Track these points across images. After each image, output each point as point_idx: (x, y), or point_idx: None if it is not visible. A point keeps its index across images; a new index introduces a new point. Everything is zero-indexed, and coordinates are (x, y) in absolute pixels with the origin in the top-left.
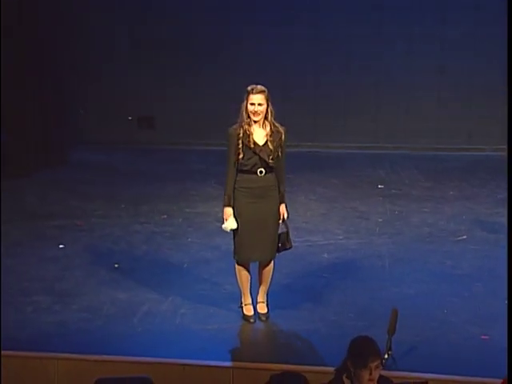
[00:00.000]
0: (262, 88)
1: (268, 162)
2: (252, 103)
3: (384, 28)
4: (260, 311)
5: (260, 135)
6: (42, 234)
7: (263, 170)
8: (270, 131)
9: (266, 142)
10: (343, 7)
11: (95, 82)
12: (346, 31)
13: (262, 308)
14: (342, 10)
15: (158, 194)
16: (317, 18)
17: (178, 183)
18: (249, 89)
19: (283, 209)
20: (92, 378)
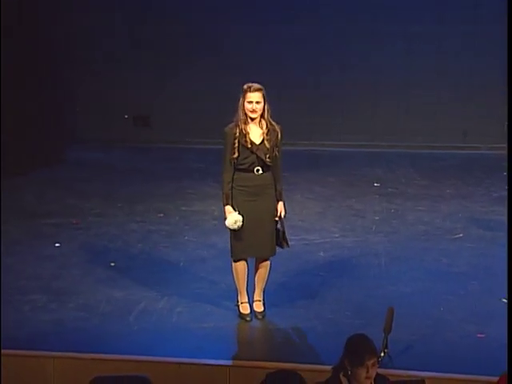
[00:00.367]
0: (259, 86)
1: (265, 160)
2: (250, 101)
3: (383, 27)
4: (256, 309)
5: (256, 134)
6: (38, 233)
7: (260, 169)
8: (267, 129)
9: (263, 141)
10: (343, 7)
11: (93, 81)
12: (345, 31)
13: (258, 306)
14: (342, 10)
15: (155, 193)
16: (317, 17)
17: (175, 182)
18: (245, 87)
19: (281, 207)
20: (89, 377)
